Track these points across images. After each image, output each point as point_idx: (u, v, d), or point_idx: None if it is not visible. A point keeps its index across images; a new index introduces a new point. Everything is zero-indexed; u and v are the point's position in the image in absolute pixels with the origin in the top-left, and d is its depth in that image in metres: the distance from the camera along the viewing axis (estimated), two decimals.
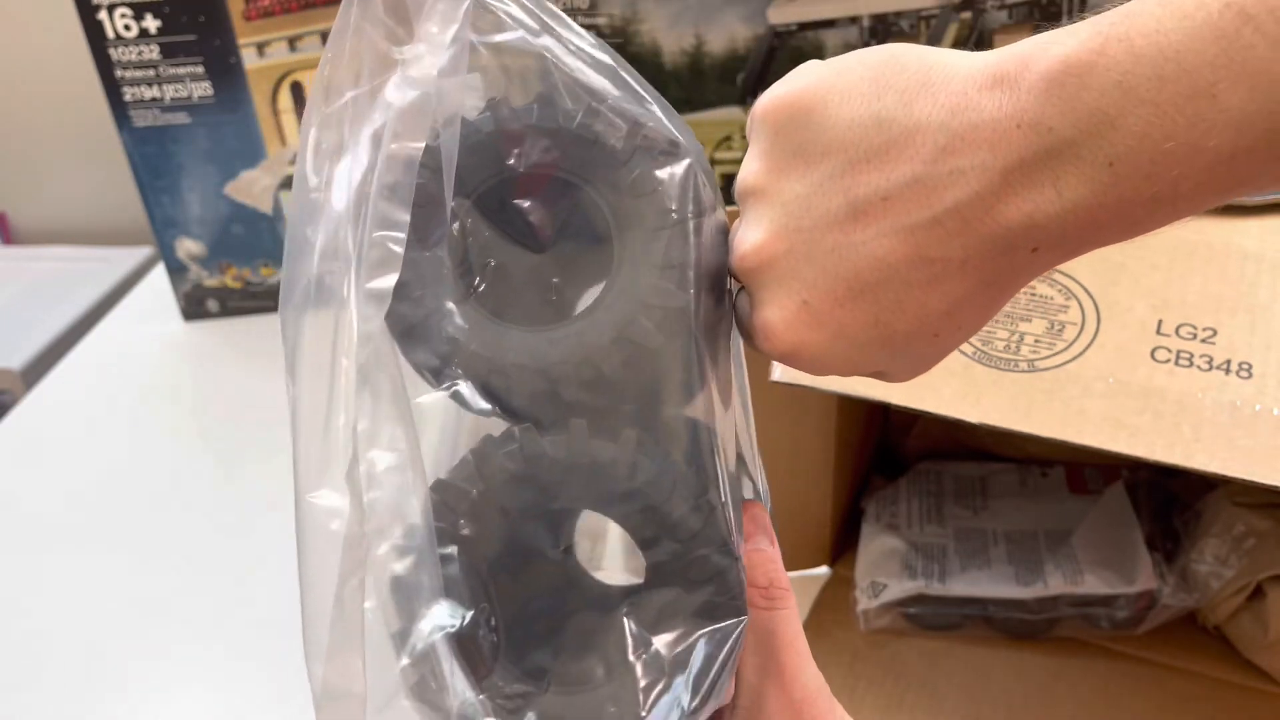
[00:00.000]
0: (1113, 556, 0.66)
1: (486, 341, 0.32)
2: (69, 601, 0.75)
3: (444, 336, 0.32)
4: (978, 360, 0.50)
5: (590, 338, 0.32)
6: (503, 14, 0.31)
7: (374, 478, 0.31)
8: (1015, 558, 0.69)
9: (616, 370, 0.32)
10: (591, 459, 0.32)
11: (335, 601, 0.30)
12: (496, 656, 0.32)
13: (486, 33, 0.32)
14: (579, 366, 0.32)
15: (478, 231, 0.33)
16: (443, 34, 0.31)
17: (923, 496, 0.74)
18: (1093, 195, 0.26)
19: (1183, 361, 0.48)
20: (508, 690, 0.32)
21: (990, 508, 0.73)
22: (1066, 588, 0.65)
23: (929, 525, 0.72)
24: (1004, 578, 0.67)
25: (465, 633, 0.31)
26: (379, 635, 0.31)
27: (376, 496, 0.31)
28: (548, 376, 0.32)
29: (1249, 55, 0.24)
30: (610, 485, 0.32)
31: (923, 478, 0.76)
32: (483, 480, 0.32)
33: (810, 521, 0.71)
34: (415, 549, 0.31)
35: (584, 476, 0.32)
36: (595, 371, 0.32)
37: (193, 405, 0.93)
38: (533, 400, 0.32)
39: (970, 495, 0.74)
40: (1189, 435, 0.46)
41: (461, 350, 0.32)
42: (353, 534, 0.30)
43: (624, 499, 0.32)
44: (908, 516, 0.73)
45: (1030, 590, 0.66)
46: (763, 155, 0.32)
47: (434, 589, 0.31)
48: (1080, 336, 0.50)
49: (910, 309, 0.30)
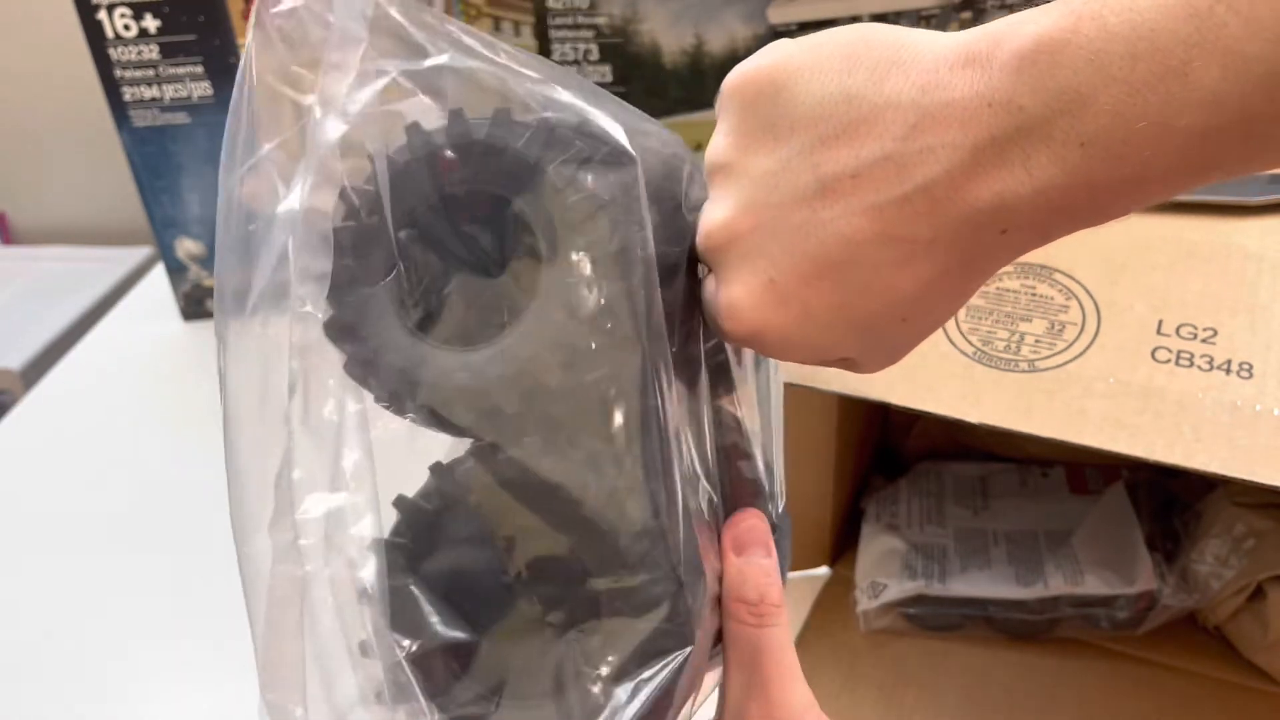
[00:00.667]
0: (1113, 557, 0.66)
1: (434, 370, 0.31)
2: (69, 601, 0.75)
3: (393, 372, 0.31)
4: (978, 360, 0.50)
5: (524, 348, 0.31)
6: (413, 41, 0.31)
7: (313, 518, 0.31)
8: (1016, 558, 0.69)
9: (555, 377, 0.31)
10: (541, 480, 0.31)
11: (273, 633, 0.31)
12: (452, 673, 0.32)
13: (402, 58, 0.31)
14: (517, 378, 0.31)
15: (426, 262, 0.32)
16: (350, 70, 0.30)
17: (923, 496, 0.74)
18: (1063, 176, 0.26)
19: (1183, 361, 0.48)
20: (461, 704, 0.32)
21: (991, 508, 0.73)
22: (1067, 588, 0.65)
23: (929, 525, 0.72)
24: (1004, 578, 0.67)
25: (422, 650, 0.31)
26: (322, 662, 0.31)
27: (316, 536, 0.31)
28: (488, 395, 0.31)
29: (1221, 34, 0.23)
30: (559, 508, 0.31)
31: (923, 478, 0.76)
32: (440, 498, 0.32)
33: (810, 521, 0.71)
34: (374, 564, 0.31)
35: (536, 499, 0.31)
36: (533, 381, 0.31)
37: (193, 405, 0.93)
38: (481, 420, 0.31)
39: (970, 495, 0.74)
40: (1189, 435, 0.46)
41: (409, 382, 0.31)
42: (291, 574, 0.31)
43: (571, 524, 0.31)
44: (908, 516, 0.73)
45: (1030, 591, 0.66)
46: (731, 131, 0.32)
47: (390, 606, 0.31)
48: (1080, 336, 0.50)
49: (878, 290, 0.29)
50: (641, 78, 0.85)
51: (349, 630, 0.31)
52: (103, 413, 0.94)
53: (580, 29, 0.84)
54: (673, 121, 0.85)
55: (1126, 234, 0.54)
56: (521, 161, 0.31)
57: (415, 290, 0.32)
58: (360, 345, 0.31)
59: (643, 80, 0.85)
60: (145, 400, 0.95)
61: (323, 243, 0.31)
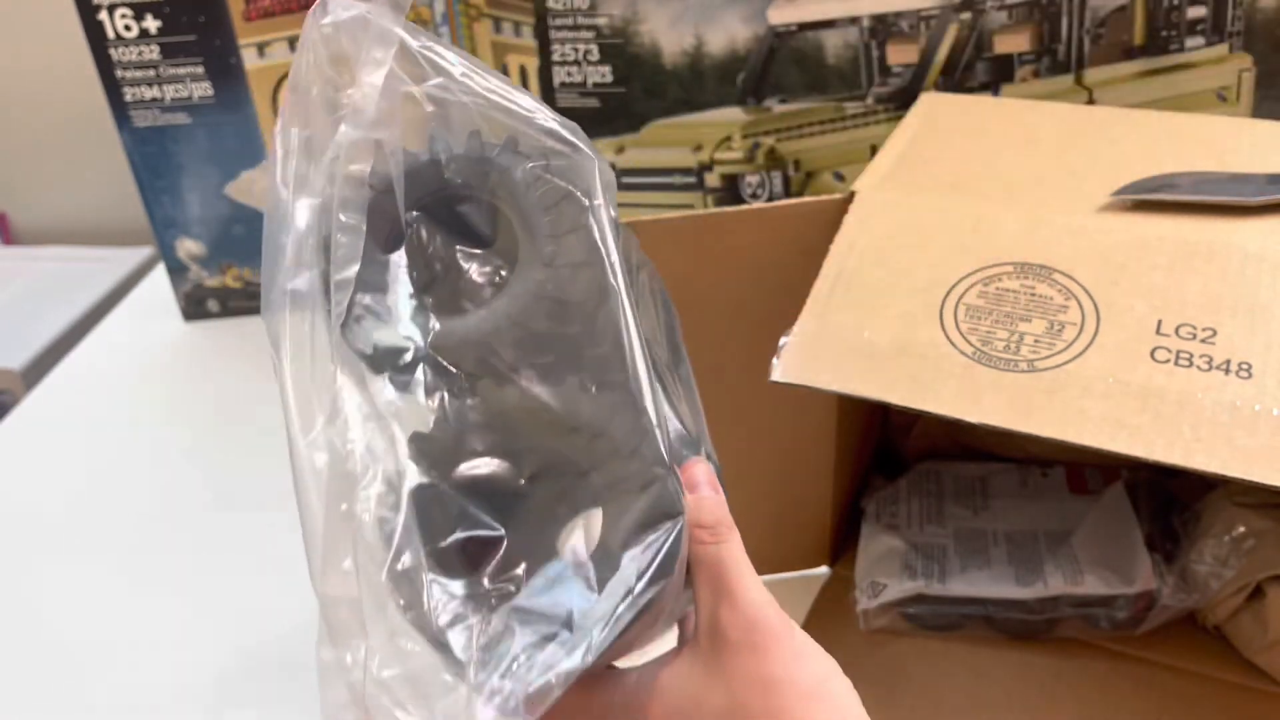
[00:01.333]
0: (1113, 557, 0.66)
1: (438, 331, 0.39)
2: (68, 602, 0.75)
3: (402, 331, 0.38)
4: (978, 360, 0.50)
5: (515, 304, 0.38)
6: (427, 63, 0.39)
7: (353, 429, 0.37)
8: (1015, 558, 0.69)
9: (542, 324, 0.38)
10: (540, 403, 0.38)
11: (325, 522, 0.35)
12: (472, 568, 0.37)
13: (417, 79, 0.38)
14: (510, 329, 0.38)
15: (430, 238, 0.40)
16: (376, 83, 0.38)
17: (923, 497, 0.74)
18: None
19: (1182, 361, 0.48)
20: (484, 591, 0.37)
21: (991, 508, 0.73)
22: (1066, 588, 0.65)
23: (929, 525, 0.72)
24: (1004, 578, 0.67)
25: (443, 549, 0.37)
26: (367, 550, 0.36)
27: (356, 444, 0.37)
28: (487, 345, 0.38)
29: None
30: (560, 422, 0.38)
31: (923, 478, 0.76)
32: (452, 426, 0.38)
33: (810, 522, 0.71)
34: (396, 491, 0.37)
35: (536, 418, 0.38)
36: (524, 330, 0.38)
37: (193, 405, 0.93)
38: (480, 368, 0.38)
39: (970, 495, 0.74)
40: (1189, 435, 0.46)
41: (415, 342, 0.38)
42: (337, 469, 0.36)
43: (572, 432, 0.38)
44: (908, 516, 0.73)
45: (1030, 590, 0.66)
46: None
47: (412, 524, 0.37)
48: (1080, 336, 0.50)
49: None
50: (641, 78, 0.85)
51: (373, 552, 0.36)
52: (104, 413, 0.95)
53: (580, 29, 0.84)
54: (672, 122, 0.85)
55: (1126, 233, 0.54)
56: (496, 167, 0.40)
57: (417, 262, 0.40)
58: (370, 307, 0.38)
59: (642, 80, 0.85)
60: (146, 400, 0.95)
61: (356, 200, 0.38)
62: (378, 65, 0.38)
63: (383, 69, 0.38)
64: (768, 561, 0.69)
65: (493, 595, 0.37)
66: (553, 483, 0.39)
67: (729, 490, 0.42)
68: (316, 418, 0.36)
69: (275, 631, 0.70)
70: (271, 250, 0.38)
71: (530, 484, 0.39)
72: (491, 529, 0.37)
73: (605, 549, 0.37)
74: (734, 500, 0.41)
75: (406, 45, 0.38)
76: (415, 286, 0.39)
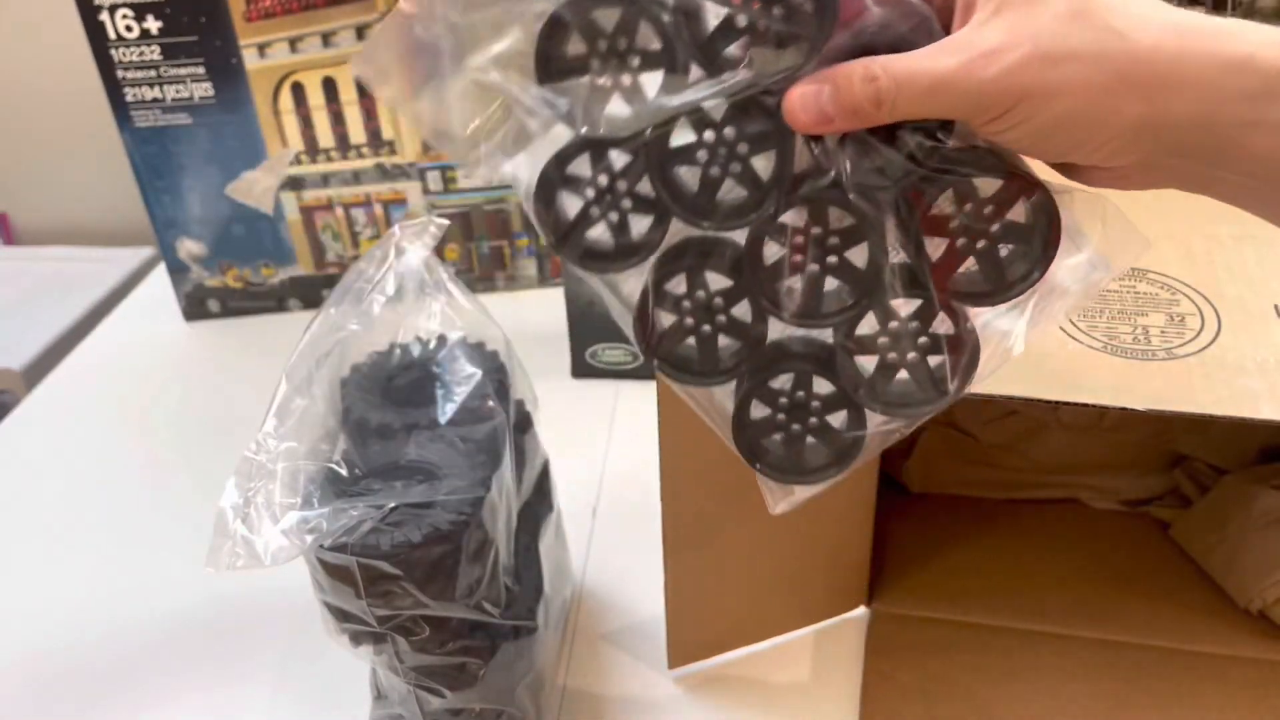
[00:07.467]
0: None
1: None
2: (69, 601, 0.75)
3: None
4: (1111, 353, 0.50)
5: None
6: None
7: None
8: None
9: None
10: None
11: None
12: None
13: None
14: None
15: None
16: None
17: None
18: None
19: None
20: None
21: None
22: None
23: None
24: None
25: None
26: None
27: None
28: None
29: None
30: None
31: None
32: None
33: (849, 564, 0.68)
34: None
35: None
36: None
37: (193, 405, 0.93)
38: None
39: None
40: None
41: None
42: None
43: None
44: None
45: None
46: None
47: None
48: (1205, 325, 0.51)
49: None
50: None
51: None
52: (104, 413, 0.95)
53: None
54: None
55: (1199, 232, 0.55)
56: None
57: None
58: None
59: None
60: (147, 400, 0.95)
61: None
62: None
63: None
64: (812, 613, 0.66)
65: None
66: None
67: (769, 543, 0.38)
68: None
69: (275, 631, 0.70)
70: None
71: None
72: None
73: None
74: (779, 554, 0.37)
75: None
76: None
